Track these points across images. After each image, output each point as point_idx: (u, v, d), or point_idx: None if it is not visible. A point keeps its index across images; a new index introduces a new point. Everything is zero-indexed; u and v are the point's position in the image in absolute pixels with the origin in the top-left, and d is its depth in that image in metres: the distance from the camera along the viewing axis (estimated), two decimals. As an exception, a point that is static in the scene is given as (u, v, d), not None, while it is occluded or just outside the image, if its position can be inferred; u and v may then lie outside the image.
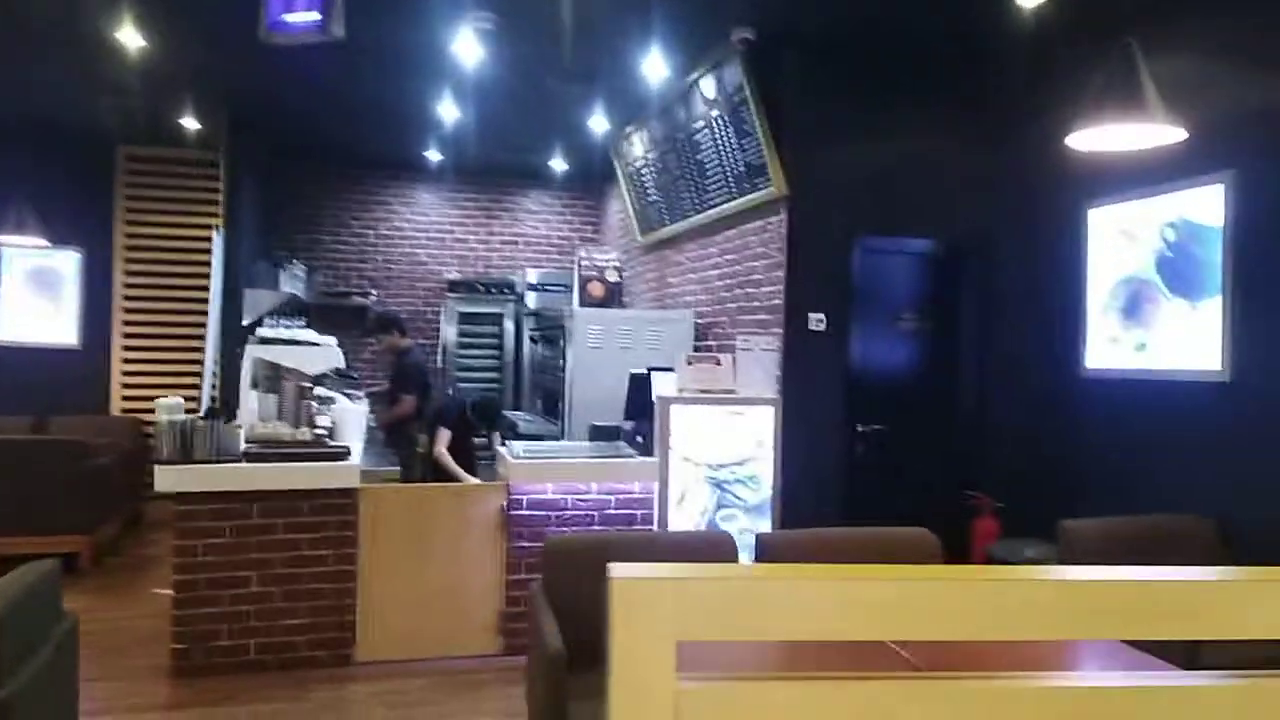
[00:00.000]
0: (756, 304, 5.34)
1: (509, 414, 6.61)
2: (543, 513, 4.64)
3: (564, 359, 5.96)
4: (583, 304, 5.94)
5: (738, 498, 4.83)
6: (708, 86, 5.47)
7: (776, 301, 5.08)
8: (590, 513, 4.69)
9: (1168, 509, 3.87)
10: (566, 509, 4.66)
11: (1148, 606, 1.20)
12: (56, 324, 7.66)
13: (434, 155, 8.00)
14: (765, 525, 4.80)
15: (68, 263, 7.69)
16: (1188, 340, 4.00)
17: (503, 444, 5.16)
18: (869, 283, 5.14)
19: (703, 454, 4.78)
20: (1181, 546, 3.72)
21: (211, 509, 4.19)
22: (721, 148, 5.57)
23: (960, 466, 5.19)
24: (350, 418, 5.20)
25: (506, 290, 8.31)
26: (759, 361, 5.01)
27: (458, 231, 8.89)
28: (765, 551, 3.31)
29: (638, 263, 7.69)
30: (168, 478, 4.12)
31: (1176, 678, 1.30)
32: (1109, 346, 4.48)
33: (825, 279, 5.04)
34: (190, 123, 7.00)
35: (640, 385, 5.13)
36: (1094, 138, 3.02)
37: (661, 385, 4.96)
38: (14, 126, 7.23)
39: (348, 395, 5.61)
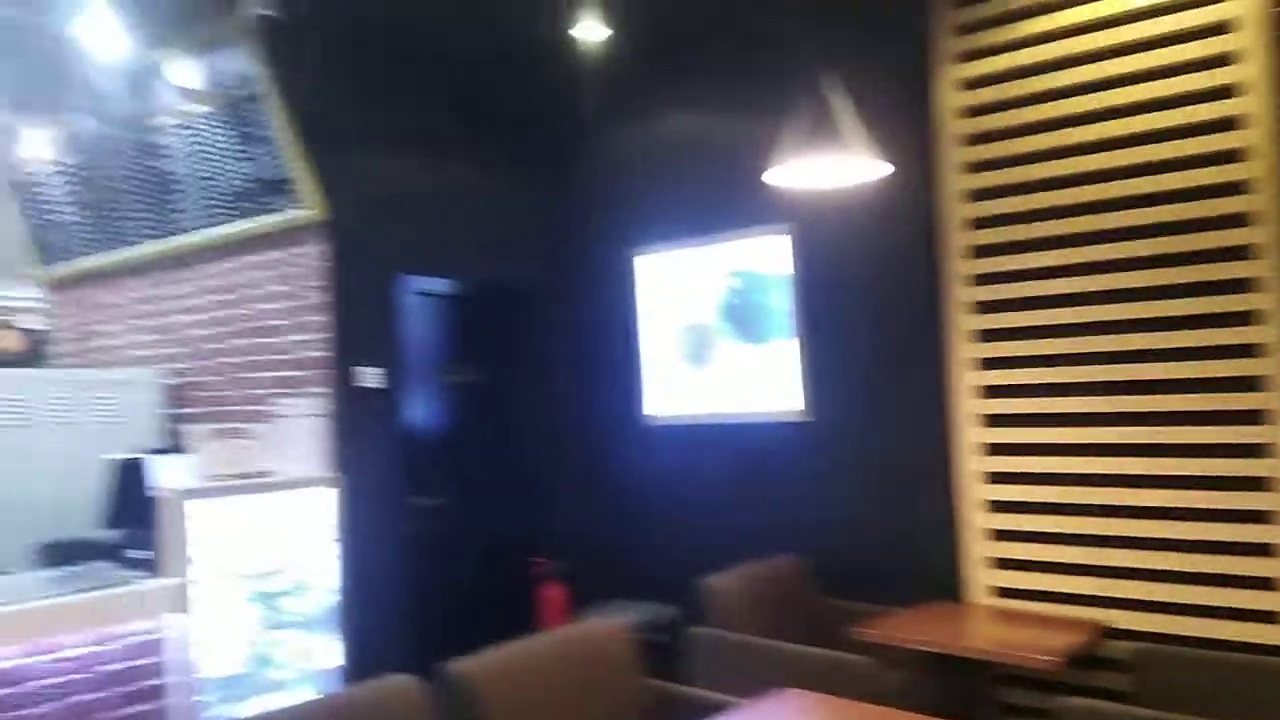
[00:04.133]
0: (277, 358, 4.21)
1: None
2: (-8, 695, 2.94)
3: (-45, 447, 4.00)
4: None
5: (290, 613, 3.69)
6: (183, 72, 4.19)
7: (314, 354, 4.05)
8: (77, 676, 3.12)
9: (755, 552, 3.91)
10: (36, 679, 3.02)
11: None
12: None
13: None
14: (331, 643, 3.75)
15: None
16: (762, 384, 4.17)
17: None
18: (411, 330, 4.41)
19: (241, 562, 3.54)
20: (795, 588, 3.80)
21: None
22: (207, 155, 4.31)
23: (523, 533, 4.74)
24: None
25: None
26: (302, 432, 3.92)
27: None
28: (467, 689, 2.46)
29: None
30: None
31: None
32: (675, 394, 4.48)
33: (373, 325, 4.18)
34: None
35: (129, 477, 3.62)
36: (795, 173, 2.88)
37: (168, 473, 3.57)
38: None
39: None
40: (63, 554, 3.55)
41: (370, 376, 4.11)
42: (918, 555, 3.66)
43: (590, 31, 3.96)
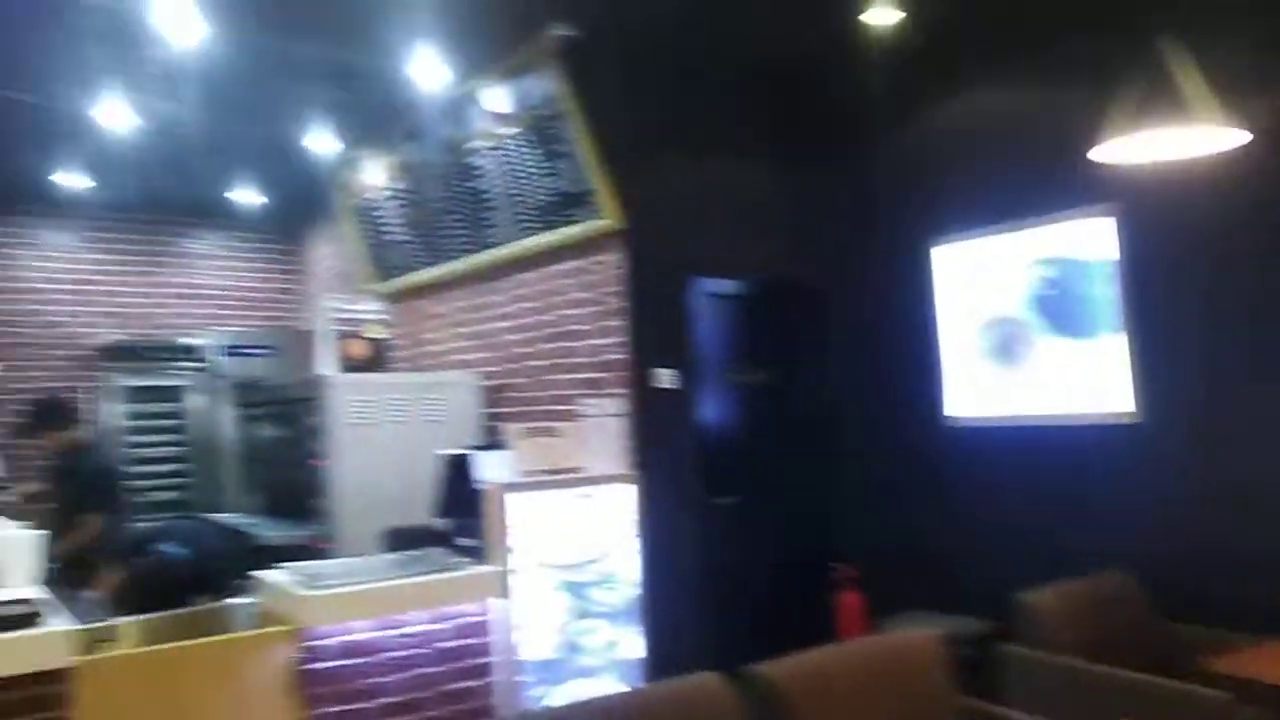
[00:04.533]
0: (579, 360, 4.44)
1: (231, 522, 5.02)
2: (352, 662, 3.32)
3: (318, 442, 4.58)
4: (344, 369, 4.63)
5: (597, 604, 3.87)
6: (494, 98, 4.52)
7: (614, 356, 4.23)
8: (415, 651, 3.46)
9: (1075, 567, 3.55)
10: (386, 651, 3.39)
11: None
12: None
13: (70, 181, 6.05)
14: (633, 635, 3.89)
15: None
16: (1083, 382, 3.81)
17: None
18: (706, 332, 4.48)
19: (553, 552, 3.77)
20: (1124, 609, 3.42)
21: None
22: (516, 173, 4.63)
23: (817, 536, 4.67)
24: (13, 552, 3.48)
25: (188, 356, 6.53)
26: (602, 430, 4.11)
27: (105, 284, 6.90)
28: (774, 693, 2.44)
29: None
30: None
31: None
32: (979, 393, 4.21)
33: (667, 328, 4.29)
34: None
35: (456, 471, 3.98)
36: (1128, 147, 2.60)
37: (489, 468, 3.88)
38: None
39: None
40: (402, 539, 3.96)
41: (666, 377, 4.22)
42: (1281, 579, 3.17)
43: (882, 17, 3.81)
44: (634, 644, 3.90)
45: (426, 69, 4.12)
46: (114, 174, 5.83)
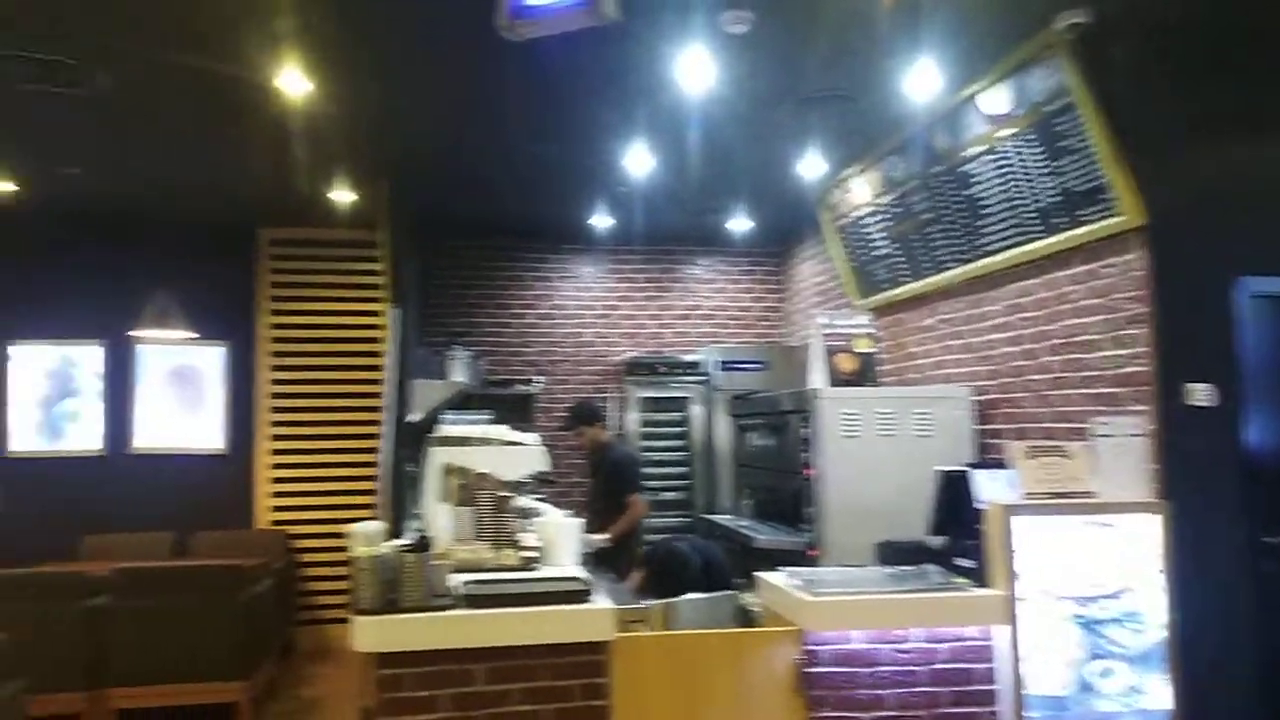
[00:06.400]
0: (1090, 374, 4.05)
1: (728, 522, 5.41)
2: (850, 670, 3.37)
3: (808, 453, 4.74)
4: (833, 382, 4.78)
5: (1115, 643, 3.48)
6: (992, 100, 4.31)
7: (1134, 369, 3.79)
8: (912, 668, 3.40)
9: None
10: (880, 664, 3.38)
11: None
12: (200, 427, 6.87)
13: (603, 222, 7.03)
14: (1159, 683, 3.43)
15: (211, 359, 6.94)
16: None
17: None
18: (1254, 339, 3.81)
19: (1062, 583, 3.47)
20: None
21: (423, 673, 3.08)
22: (1015, 175, 4.37)
23: None
24: (562, 535, 4.08)
25: (691, 370, 7.20)
26: (1120, 452, 3.70)
27: (625, 307, 7.87)
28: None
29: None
30: (370, 633, 3.04)
31: None
32: None
33: (1203, 336, 3.74)
34: (342, 196, 6.22)
35: (954, 488, 3.86)
36: None
37: (988, 487, 3.70)
38: (145, 212, 6.60)
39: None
40: (896, 554, 3.92)
41: (1201, 393, 3.68)
42: None
43: None
44: (1161, 693, 3.44)
45: (919, 81, 4.07)
46: (631, 211, 6.65)
